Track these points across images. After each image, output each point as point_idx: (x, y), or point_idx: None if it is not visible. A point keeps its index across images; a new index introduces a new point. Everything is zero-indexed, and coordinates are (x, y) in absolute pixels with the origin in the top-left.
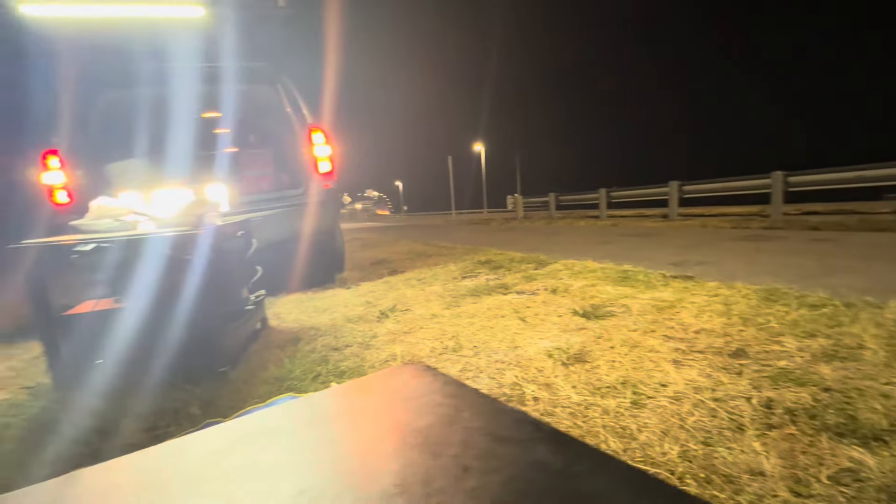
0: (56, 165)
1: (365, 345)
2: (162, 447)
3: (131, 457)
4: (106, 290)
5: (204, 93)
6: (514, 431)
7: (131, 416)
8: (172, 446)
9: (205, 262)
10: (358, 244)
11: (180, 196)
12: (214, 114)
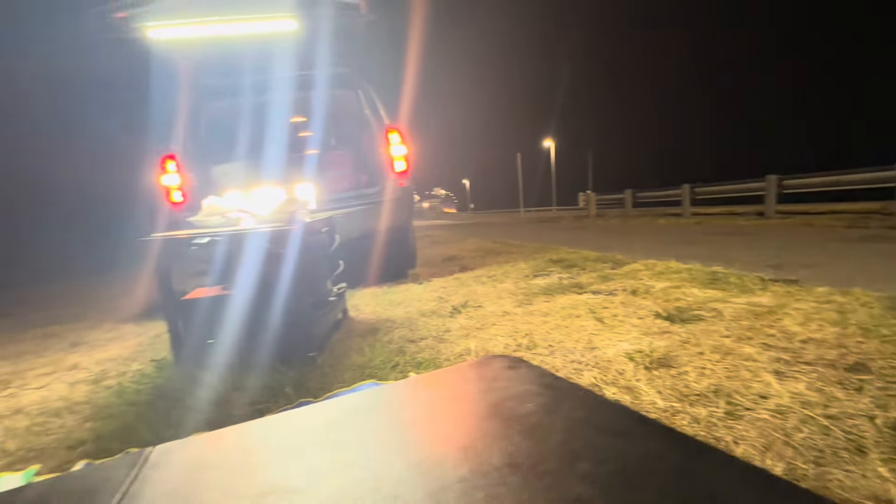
0: (173, 169)
1: (439, 338)
2: (265, 420)
3: (240, 427)
4: (216, 279)
5: (294, 99)
6: (618, 424)
7: (237, 390)
8: (273, 420)
9: (296, 255)
10: (427, 241)
11: (274, 195)
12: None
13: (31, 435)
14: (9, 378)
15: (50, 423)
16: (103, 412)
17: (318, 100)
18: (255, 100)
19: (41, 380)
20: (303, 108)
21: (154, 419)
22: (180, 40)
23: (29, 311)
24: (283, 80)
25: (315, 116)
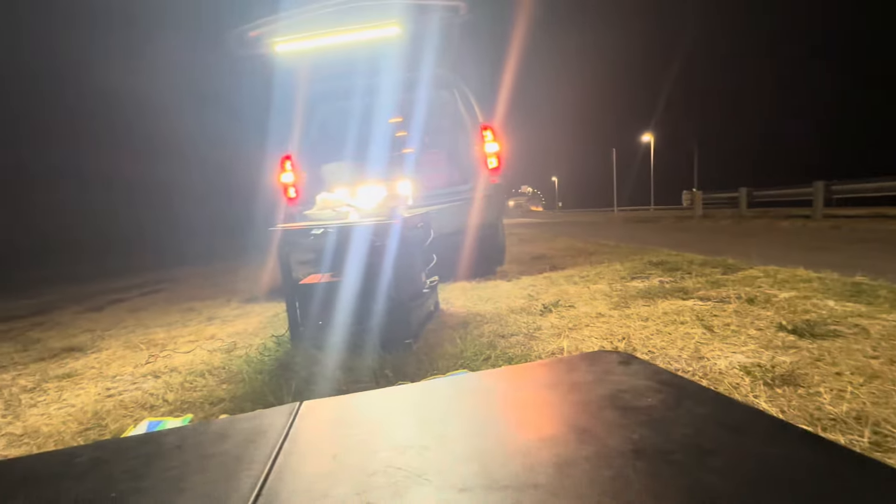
0: (290, 168)
1: (530, 335)
2: (368, 394)
3: (368, 393)
4: (327, 267)
5: (394, 100)
6: (750, 425)
7: (342, 369)
8: (378, 395)
9: (396, 247)
10: (515, 239)
11: (377, 191)
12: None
13: (183, 390)
14: (164, 342)
15: (196, 381)
16: (236, 377)
17: (417, 100)
18: (359, 102)
19: (188, 346)
20: (402, 109)
21: (275, 386)
22: (299, 52)
23: (175, 288)
24: (385, 83)
25: (413, 116)
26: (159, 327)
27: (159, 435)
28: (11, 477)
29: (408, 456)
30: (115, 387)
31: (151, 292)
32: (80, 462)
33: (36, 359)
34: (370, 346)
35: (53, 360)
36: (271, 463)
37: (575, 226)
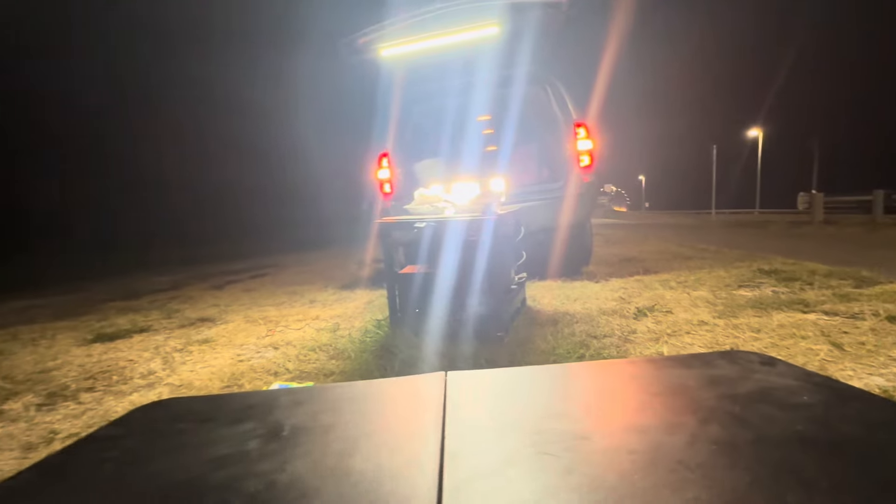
0: (386, 164)
1: (624, 338)
2: (509, 370)
3: (487, 371)
4: (424, 258)
5: (487, 98)
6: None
7: (438, 354)
8: (519, 372)
9: (489, 243)
10: (600, 240)
11: (470, 188)
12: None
13: (299, 361)
14: (277, 319)
15: (309, 355)
16: (342, 354)
17: (510, 98)
18: (453, 101)
19: (297, 324)
20: (495, 107)
21: (381, 365)
22: (400, 55)
23: (278, 273)
24: (479, 82)
25: (506, 114)
26: (270, 306)
27: (327, 388)
28: (213, 409)
29: (567, 421)
30: (244, 354)
31: (259, 276)
32: (263, 403)
33: (179, 325)
34: (464, 336)
35: (192, 327)
36: (442, 421)
37: (666, 228)
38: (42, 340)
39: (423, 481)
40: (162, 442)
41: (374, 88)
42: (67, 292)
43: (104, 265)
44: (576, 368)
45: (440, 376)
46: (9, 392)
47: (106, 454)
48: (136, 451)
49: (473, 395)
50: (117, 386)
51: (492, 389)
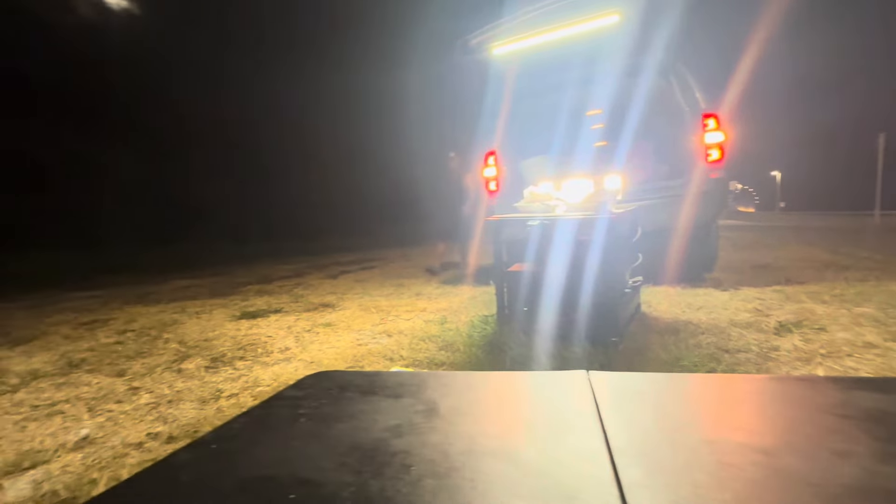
0: (492, 163)
1: (763, 355)
2: (654, 375)
3: (629, 374)
4: (534, 257)
5: (602, 92)
6: None
7: (549, 354)
8: (667, 378)
9: (603, 243)
10: (726, 243)
11: (583, 185)
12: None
13: (412, 350)
14: (387, 309)
15: (420, 345)
16: (451, 346)
17: (627, 89)
18: (565, 96)
19: (407, 315)
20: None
21: (488, 359)
22: (512, 53)
23: (385, 266)
24: (594, 75)
25: (623, 107)
26: (380, 297)
27: (471, 374)
28: (364, 383)
29: (743, 434)
30: (361, 338)
31: (368, 268)
32: (413, 383)
33: (305, 309)
34: (575, 338)
35: (315, 311)
36: (599, 418)
37: (810, 231)
38: (203, 314)
39: (597, 474)
40: (337, 406)
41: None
42: (216, 275)
43: (241, 253)
44: (736, 380)
45: (583, 374)
46: (184, 354)
47: (297, 411)
48: (321, 411)
49: (625, 396)
50: (262, 357)
51: (644, 393)
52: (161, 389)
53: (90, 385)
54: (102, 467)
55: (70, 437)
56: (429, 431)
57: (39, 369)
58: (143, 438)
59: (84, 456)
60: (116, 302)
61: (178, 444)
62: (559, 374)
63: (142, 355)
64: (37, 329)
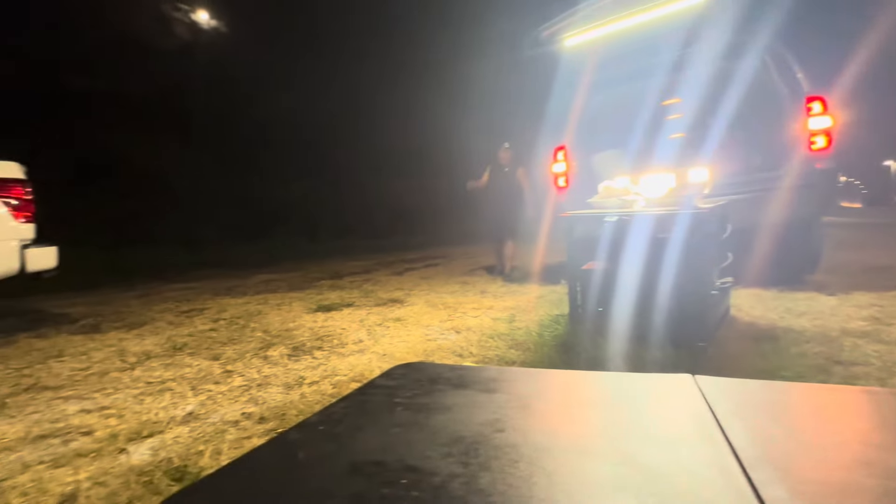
0: (561, 158)
1: (888, 370)
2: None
3: (741, 381)
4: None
5: (686, 78)
6: None
7: (626, 357)
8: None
9: (689, 240)
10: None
11: (665, 179)
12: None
13: (481, 347)
14: (454, 306)
15: (489, 342)
16: (522, 345)
17: (715, 74)
18: (643, 85)
19: (474, 312)
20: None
21: (562, 359)
22: (586, 43)
23: (449, 263)
24: (676, 60)
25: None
26: (446, 294)
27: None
28: (456, 378)
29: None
30: (430, 334)
31: (432, 265)
32: (502, 378)
33: (375, 304)
34: (656, 341)
35: (385, 306)
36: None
37: None
38: (283, 306)
39: (734, 486)
40: (431, 398)
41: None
42: (293, 270)
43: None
44: (881, 395)
45: (688, 378)
46: (268, 342)
47: (393, 399)
48: (416, 401)
49: (746, 405)
50: (337, 349)
51: (768, 402)
52: (251, 374)
53: (191, 366)
54: (206, 441)
55: (178, 412)
56: (529, 428)
57: (151, 350)
58: (238, 417)
59: (190, 430)
60: (208, 293)
61: (269, 425)
62: (662, 377)
63: (232, 342)
64: (146, 315)
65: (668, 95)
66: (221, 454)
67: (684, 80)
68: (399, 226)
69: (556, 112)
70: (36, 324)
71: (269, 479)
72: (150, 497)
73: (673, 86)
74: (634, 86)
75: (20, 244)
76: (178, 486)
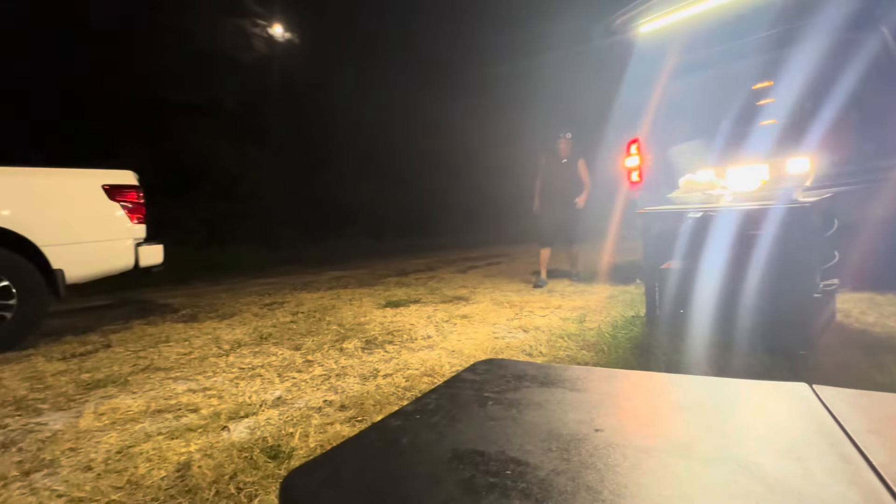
0: (635, 151)
1: None
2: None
3: (802, 385)
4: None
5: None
6: None
7: (711, 363)
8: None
9: (786, 237)
10: None
11: (756, 171)
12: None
13: (550, 346)
14: (521, 305)
15: (559, 342)
16: (594, 346)
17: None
18: (730, 68)
19: (541, 311)
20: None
21: (639, 363)
22: (663, 28)
23: (511, 262)
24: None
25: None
26: (511, 292)
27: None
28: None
29: None
30: (497, 332)
31: (495, 263)
32: (587, 377)
33: (440, 301)
34: (747, 347)
35: (450, 303)
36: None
37: None
38: (354, 301)
39: None
40: (520, 393)
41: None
42: (361, 267)
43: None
44: None
45: (804, 388)
46: (343, 335)
47: (482, 394)
48: (506, 396)
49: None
50: (407, 343)
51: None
52: (329, 364)
53: (276, 355)
54: (294, 424)
55: (268, 396)
56: (627, 429)
57: (241, 339)
58: (321, 404)
59: (280, 413)
60: (287, 288)
61: (349, 413)
62: (772, 385)
63: (311, 333)
64: (234, 307)
65: (760, 79)
66: (309, 437)
67: (780, 60)
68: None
69: (628, 104)
70: (146, 312)
71: (380, 461)
72: (251, 471)
73: (766, 67)
74: (720, 70)
75: (135, 243)
76: (275, 463)
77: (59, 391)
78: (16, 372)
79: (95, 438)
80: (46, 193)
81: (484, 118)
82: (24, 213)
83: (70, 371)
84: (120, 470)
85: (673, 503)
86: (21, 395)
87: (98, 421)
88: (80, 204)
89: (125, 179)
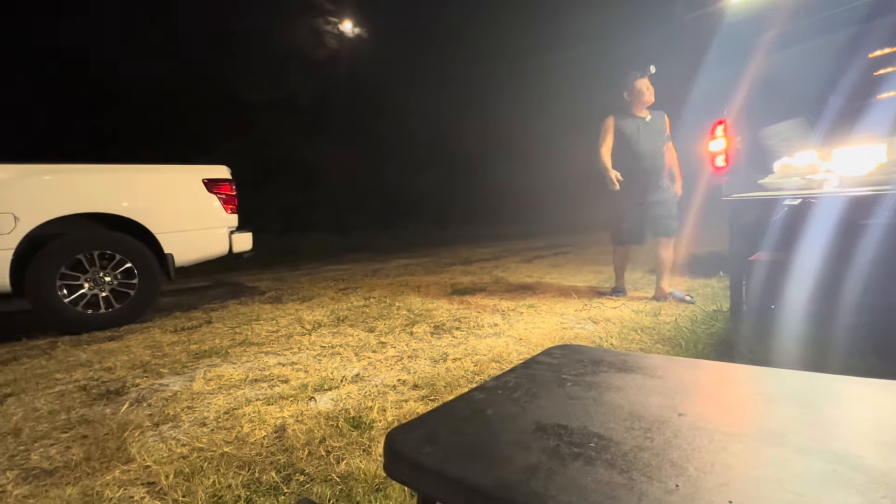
0: (720, 134)
1: None
2: None
3: None
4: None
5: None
6: None
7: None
8: None
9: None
10: None
11: (871, 152)
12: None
13: (622, 339)
14: (590, 295)
15: (631, 335)
16: (670, 341)
17: None
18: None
19: (611, 303)
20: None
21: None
22: None
23: (580, 252)
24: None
25: None
26: (578, 283)
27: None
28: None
29: None
30: (565, 322)
31: (562, 253)
32: (660, 366)
33: (506, 290)
34: (850, 347)
35: (516, 292)
36: None
37: None
38: (421, 288)
39: None
40: (598, 377)
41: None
42: (426, 255)
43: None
44: None
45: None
46: (413, 320)
47: (560, 375)
48: (585, 379)
49: None
50: (474, 330)
51: None
52: (401, 346)
53: (352, 336)
54: (372, 399)
55: (347, 373)
56: (713, 416)
57: (320, 320)
58: (395, 382)
59: (359, 388)
60: (359, 274)
61: (422, 392)
62: (879, 383)
63: (383, 317)
64: (313, 291)
65: (880, 46)
66: (386, 411)
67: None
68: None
69: (713, 83)
70: (237, 294)
71: (470, 426)
72: (338, 437)
73: (887, 32)
74: (829, 38)
75: (228, 230)
76: (357, 432)
77: (174, 359)
78: (140, 341)
79: (206, 400)
80: (158, 187)
81: (551, 104)
82: (142, 205)
83: (181, 342)
84: (228, 427)
85: (764, 485)
86: (146, 360)
87: (207, 385)
88: (185, 196)
89: (220, 173)
